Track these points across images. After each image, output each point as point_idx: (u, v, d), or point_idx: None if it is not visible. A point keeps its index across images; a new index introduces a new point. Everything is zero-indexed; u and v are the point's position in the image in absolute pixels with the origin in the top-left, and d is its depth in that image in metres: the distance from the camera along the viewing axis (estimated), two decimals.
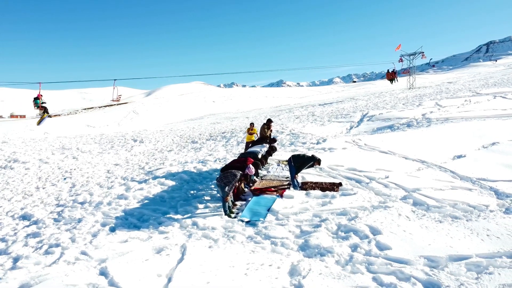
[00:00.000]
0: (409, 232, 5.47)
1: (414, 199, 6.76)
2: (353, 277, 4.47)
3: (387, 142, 12.39)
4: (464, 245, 4.97)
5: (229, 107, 62.07)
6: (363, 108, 25.76)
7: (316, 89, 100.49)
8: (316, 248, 5.27)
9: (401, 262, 4.72)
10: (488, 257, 4.64)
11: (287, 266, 4.86)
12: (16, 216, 7.82)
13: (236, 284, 4.40)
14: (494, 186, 7.26)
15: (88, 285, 4.47)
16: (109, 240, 5.79)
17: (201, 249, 5.38)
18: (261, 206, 7.01)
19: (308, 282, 4.41)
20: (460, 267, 4.49)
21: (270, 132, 11.80)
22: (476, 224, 5.53)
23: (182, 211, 7.12)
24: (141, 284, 4.48)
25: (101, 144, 23.64)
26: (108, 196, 8.61)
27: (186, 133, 25.85)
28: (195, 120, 43.49)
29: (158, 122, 46.40)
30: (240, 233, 5.94)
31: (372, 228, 5.69)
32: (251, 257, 5.11)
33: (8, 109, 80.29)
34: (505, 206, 6.17)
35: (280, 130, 19.27)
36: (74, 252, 5.40)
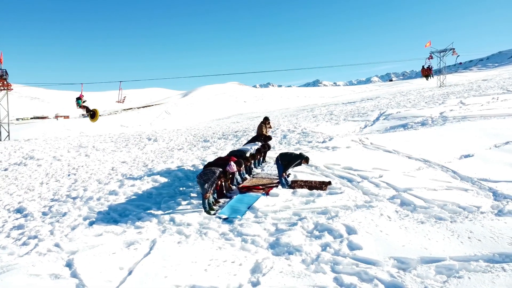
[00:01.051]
0: (386, 232, 5.31)
1: (402, 199, 6.54)
2: (313, 276, 4.40)
3: (395, 141, 12.05)
4: (440, 247, 4.76)
5: (259, 107, 62.49)
6: (383, 106, 25.41)
7: (351, 89, 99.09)
8: (286, 247, 5.23)
9: (369, 263, 4.60)
10: (463, 260, 4.44)
11: (250, 264, 4.85)
12: (11, 210, 8.26)
13: (193, 279, 4.45)
14: (494, 187, 6.90)
15: (51, 276, 4.67)
16: (85, 234, 6.01)
17: (170, 245, 5.48)
18: (242, 203, 7.02)
19: (266, 280, 4.39)
20: (429, 269, 4.31)
21: (267, 130, 11.75)
22: (460, 226, 5.28)
23: (165, 207, 7.26)
24: (101, 276, 4.63)
25: (116, 143, 24.41)
26: (100, 192, 8.92)
27: (200, 132, 26.24)
28: (222, 119, 44.04)
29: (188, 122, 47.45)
30: (214, 229, 5.99)
31: (349, 227, 5.57)
32: (217, 253, 5.15)
33: (53, 110, 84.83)
34: (499, 207, 5.85)
35: (292, 129, 19.21)
36: (48, 244, 5.65)
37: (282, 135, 17.88)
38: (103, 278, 4.57)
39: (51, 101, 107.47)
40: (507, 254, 4.45)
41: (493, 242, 4.75)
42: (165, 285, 4.37)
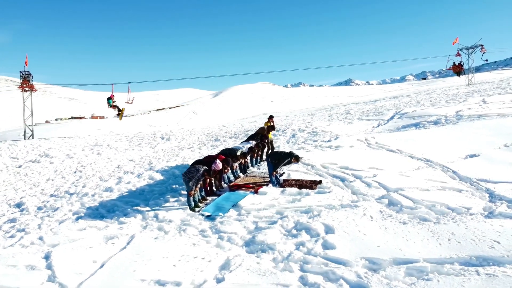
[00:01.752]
0: (364, 232, 5.22)
1: (390, 199, 6.40)
2: (279, 275, 4.40)
3: (401, 140, 11.78)
4: (416, 249, 4.64)
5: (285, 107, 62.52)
6: (401, 105, 25.00)
7: (382, 88, 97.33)
8: (260, 245, 5.24)
9: (339, 263, 4.55)
10: (437, 263, 4.30)
11: (220, 260, 4.90)
12: (12, 204, 8.70)
13: (159, 274, 4.55)
14: (492, 187, 6.62)
15: (27, 267, 4.90)
16: (69, 228, 6.25)
17: (146, 240, 5.61)
18: (228, 201, 7.08)
19: (231, 277, 4.42)
20: (399, 271, 4.21)
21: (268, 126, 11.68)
22: (442, 227, 5.12)
23: (153, 203, 7.42)
24: (74, 268, 4.81)
25: (131, 142, 25.06)
26: (97, 188, 9.23)
27: (213, 131, 26.53)
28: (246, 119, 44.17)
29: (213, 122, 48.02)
30: (194, 226, 6.08)
31: (328, 226, 5.52)
32: (190, 249, 5.23)
33: (90, 111, 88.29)
34: (491, 209, 5.61)
35: (302, 128, 19.13)
36: (33, 237, 5.92)
37: (291, 134, 17.84)
38: (74, 271, 4.75)
39: (88, 102, 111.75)
40: (485, 257, 4.28)
41: (473, 244, 4.57)
42: (132, 278, 4.49)
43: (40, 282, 4.55)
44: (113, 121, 26.85)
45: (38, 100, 22.31)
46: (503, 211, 5.47)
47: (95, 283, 4.46)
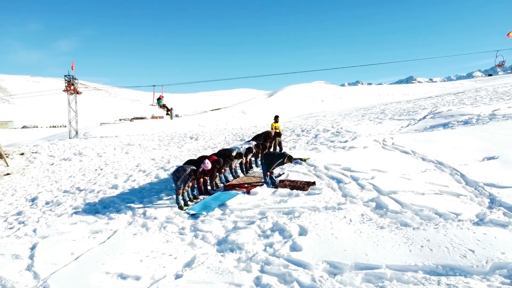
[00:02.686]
0: (336, 236, 5.10)
1: (379, 203, 6.17)
2: (236, 274, 4.45)
3: (420, 141, 11.25)
4: (383, 255, 4.47)
5: (335, 106, 61.87)
6: (440, 104, 24.03)
7: (442, 85, 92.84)
8: (230, 244, 5.33)
9: (299, 265, 4.51)
10: (400, 270, 4.12)
11: (187, 258, 5.05)
12: (28, 198, 9.50)
13: (124, 268, 4.80)
14: (496, 193, 6.15)
15: (12, 256, 5.39)
16: (62, 222, 6.73)
17: (126, 236, 5.90)
18: (217, 200, 7.21)
19: (189, 274, 4.56)
20: (356, 276, 4.10)
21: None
22: (420, 233, 4.87)
23: (147, 201, 7.76)
24: (51, 259, 5.21)
25: (161, 141, 26.14)
26: (105, 185, 9.80)
27: (242, 131, 26.92)
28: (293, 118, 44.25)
29: (260, 122, 48.66)
30: (175, 224, 6.29)
31: (302, 228, 5.47)
32: (162, 246, 5.43)
33: (150, 111, 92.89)
34: (485, 216, 5.22)
35: (327, 129, 18.98)
36: (28, 229, 6.45)
37: (315, 134, 17.74)
38: (51, 261, 5.14)
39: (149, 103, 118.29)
40: (452, 266, 4.03)
41: (445, 252, 4.30)
42: (98, 271, 4.77)
43: (19, 270, 4.98)
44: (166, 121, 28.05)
45: (104, 102, 24.14)
46: (495, 218, 5.08)
47: (65, 273, 4.79)
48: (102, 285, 4.45)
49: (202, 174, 7.76)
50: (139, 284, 4.46)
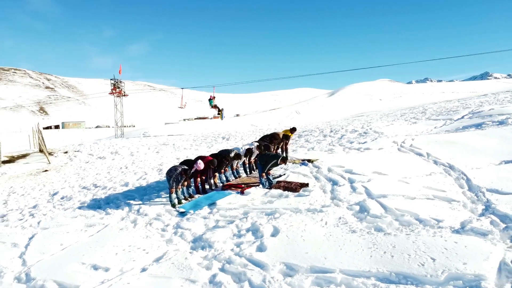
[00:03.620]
0: (305, 238, 5.09)
1: (363, 206, 6.01)
2: (195, 271, 4.63)
3: (440, 143, 10.73)
4: (341, 259, 4.40)
5: (392, 105, 59.73)
6: (486, 103, 22.78)
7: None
8: (204, 242, 5.52)
9: (257, 265, 4.59)
10: (352, 275, 4.06)
11: (158, 253, 5.33)
12: (51, 193, 10.39)
13: (98, 260, 5.19)
14: (495, 200, 5.75)
15: (12, 244, 6.03)
16: (65, 216, 7.34)
17: (113, 230, 6.33)
18: (209, 200, 7.43)
19: (153, 268, 4.83)
20: (306, 279, 4.12)
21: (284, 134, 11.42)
22: (389, 239, 4.71)
23: (146, 198, 8.19)
24: (41, 248, 5.76)
25: (194, 141, 27.04)
26: (118, 183, 10.43)
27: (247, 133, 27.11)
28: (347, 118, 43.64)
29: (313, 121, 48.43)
30: (162, 221, 6.61)
31: (276, 229, 5.52)
32: (140, 241, 5.76)
33: (212, 112, 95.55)
34: (469, 224, 4.91)
35: (355, 129, 18.66)
36: (34, 221, 7.14)
37: (341, 135, 17.46)
38: (41, 250, 5.68)
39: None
40: (406, 274, 3.88)
41: (405, 260, 4.14)
42: (76, 261, 5.20)
43: (11, 257, 5.56)
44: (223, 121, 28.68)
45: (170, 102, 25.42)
46: (477, 226, 4.76)
47: (48, 262, 5.29)
48: (75, 274, 4.84)
49: (199, 174, 8.02)
50: (107, 275, 4.79)
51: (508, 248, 4.16)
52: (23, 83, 52.82)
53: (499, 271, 3.76)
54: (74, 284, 4.59)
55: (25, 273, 5.02)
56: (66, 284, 4.62)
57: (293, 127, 11.88)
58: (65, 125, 48.45)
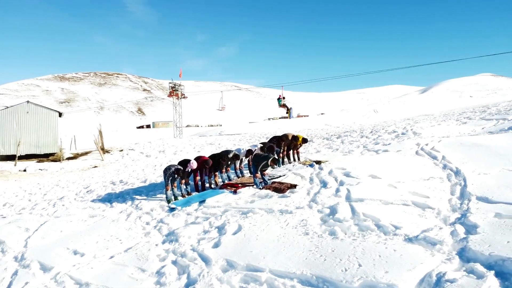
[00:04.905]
0: (259, 238, 5.23)
1: (333, 209, 5.92)
2: (150, 261, 5.09)
3: (466, 145, 9.89)
4: (277, 259, 4.49)
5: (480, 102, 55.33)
6: None
7: None
8: (173, 236, 5.93)
9: (203, 260, 4.89)
10: (279, 276, 4.15)
11: (130, 244, 5.88)
12: (84, 186, 11.64)
13: (80, 246, 5.89)
14: (475, 209, 5.30)
15: (25, 229, 7.02)
16: (77, 206, 8.28)
17: (107, 221, 7.05)
18: (200, 197, 7.82)
19: (119, 257, 5.40)
20: (235, 276, 4.32)
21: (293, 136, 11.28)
22: (334, 243, 4.66)
23: (151, 194, 8.87)
24: (43, 233, 6.63)
25: (241, 141, 27.89)
26: (140, 179, 11.34)
27: (319, 132, 26.83)
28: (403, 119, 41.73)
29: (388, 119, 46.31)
30: (151, 215, 7.18)
31: (239, 228, 5.72)
32: (121, 232, 6.37)
33: (296, 111, 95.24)
34: (425, 233, 4.64)
35: (395, 130, 17.92)
36: (51, 209, 8.16)
37: (378, 135, 16.93)
38: (42, 235, 6.57)
39: (296, 103, 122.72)
40: (325, 278, 3.87)
41: (333, 264, 4.11)
42: (61, 246, 5.96)
43: (19, 239, 6.52)
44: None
45: (256, 102, 25.96)
46: (430, 236, 4.48)
47: (42, 246, 6.15)
48: (56, 257, 5.57)
49: (197, 173, 8.47)
50: (80, 259, 5.43)
51: (445, 260, 3.89)
52: (124, 86, 60.33)
53: (420, 283, 3.56)
54: (51, 265, 5.30)
55: (21, 253, 5.88)
56: (46, 265, 5.35)
57: (305, 138, 11.52)
58: (155, 124, 52.76)
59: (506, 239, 4.10)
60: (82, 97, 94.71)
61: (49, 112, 25.38)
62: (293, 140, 10.95)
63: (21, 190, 12.10)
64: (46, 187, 12.41)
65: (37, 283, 4.86)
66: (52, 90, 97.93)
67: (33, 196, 10.78)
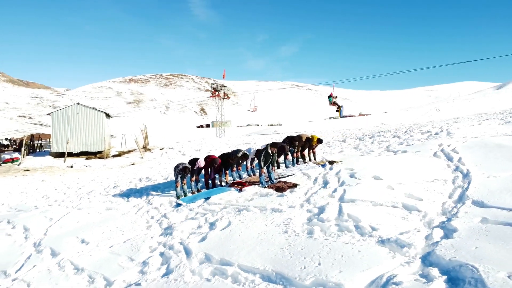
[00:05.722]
0: (242, 234, 5.43)
1: (321, 209, 5.94)
2: (140, 252, 5.53)
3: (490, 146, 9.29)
4: (249, 255, 4.65)
5: None
6: None
7: None
8: (170, 230, 6.33)
9: (186, 253, 5.22)
10: (243, 270, 4.35)
11: (130, 236, 6.37)
12: (113, 182, 12.55)
13: (86, 234, 6.51)
14: (464, 213, 5.08)
15: (49, 218, 7.82)
16: (99, 200, 9.02)
17: (117, 214, 7.67)
18: (208, 194, 8.17)
19: (117, 246, 5.92)
20: (207, 268, 4.57)
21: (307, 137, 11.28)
22: (307, 241, 4.74)
23: (167, 190, 9.39)
24: (64, 223, 7.36)
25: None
26: (162, 177, 11.98)
27: (353, 132, 26.33)
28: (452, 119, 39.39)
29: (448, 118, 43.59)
30: (158, 210, 7.67)
31: (229, 224, 5.96)
32: (127, 224, 6.91)
33: (359, 109, 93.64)
34: (400, 235, 4.56)
35: (429, 130, 17.23)
36: (76, 202, 8.96)
37: (411, 135, 16.41)
38: (61, 225, 7.32)
39: (358, 101, 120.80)
40: (283, 275, 4.01)
41: (296, 262, 4.21)
42: (74, 235, 6.59)
43: (41, 227, 7.28)
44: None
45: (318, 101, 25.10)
46: (402, 238, 4.40)
47: (58, 233, 6.84)
48: (65, 244, 6.21)
49: (205, 171, 8.85)
50: (84, 247, 6.02)
51: (404, 263, 3.82)
52: (188, 87, 63.56)
53: (370, 284, 3.56)
54: (59, 251, 5.92)
55: (40, 240, 6.61)
56: (55, 251, 5.99)
57: (320, 139, 11.41)
58: (214, 124, 54.62)
59: (476, 244, 3.92)
60: (149, 98, 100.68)
61: (97, 113, 27.41)
62: (307, 141, 10.94)
63: (62, 184, 13.36)
64: (83, 182, 13.55)
65: (43, 266, 5.48)
66: (122, 92, 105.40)
67: (69, 190, 11.86)
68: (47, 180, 14.64)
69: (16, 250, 6.33)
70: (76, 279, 4.98)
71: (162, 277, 4.60)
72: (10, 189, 12.72)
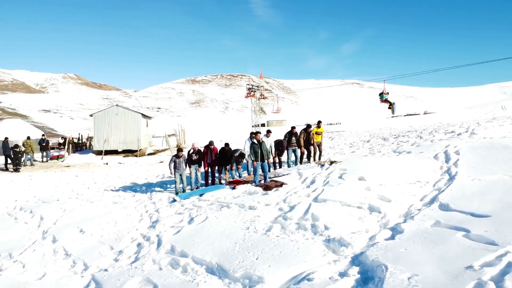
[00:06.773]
0: (211, 229, 5.76)
1: (291, 208, 6.11)
2: (121, 242, 6.09)
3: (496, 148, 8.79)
4: (207, 249, 4.96)
5: None
6: None
7: None
8: (155, 223, 6.83)
9: (158, 243, 5.67)
10: (195, 261, 4.69)
11: (121, 228, 6.92)
12: (134, 178, 13.41)
13: (88, 226, 7.16)
14: (423, 215, 5.01)
15: (63, 209, 8.65)
16: (109, 194, 9.77)
17: (118, 208, 8.32)
18: (201, 191, 8.60)
19: (105, 236, 6.51)
20: (165, 258, 4.98)
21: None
22: (261, 238, 4.97)
23: (173, 186, 9.93)
24: (72, 215, 8.15)
25: None
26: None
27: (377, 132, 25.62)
28: None
29: None
30: (155, 205, 8.21)
31: (205, 219, 6.32)
32: (122, 217, 7.51)
33: (424, 107, 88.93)
34: (348, 235, 4.65)
35: (453, 130, 16.56)
36: (90, 196, 9.80)
37: (433, 135, 15.89)
38: (70, 216, 8.09)
39: (424, 99, 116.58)
40: (222, 267, 4.30)
41: (239, 255, 4.48)
42: (76, 225, 7.30)
43: (53, 217, 8.10)
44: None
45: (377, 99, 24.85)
46: (345, 238, 4.48)
47: (63, 223, 7.61)
48: (66, 233, 6.92)
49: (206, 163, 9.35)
50: (81, 236, 6.69)
51: (332, 261, 3.93)
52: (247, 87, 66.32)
53: (290, 279, 3.73)
54: (58, 238, 6.63)
55: (48, 228, 7.41)
56: (56, 239, 6.71)
57: (319, 121, 11.82)
58: (269, 123, 55.73)
59: (407, 246, 3.92)
60: (210, 98, 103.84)
61: (134, 114, 29.11)
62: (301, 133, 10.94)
63: (90, 179, 14.52)
64: (109, 178, 14.63)
65: (41, 251, 6.21)
66: (185, 92, 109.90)
67: (94, 185, 12.91)
68: (80, 175, 15.95)
69: (26, 236, 7.18)
70: (62, 264, 5.61)
71: (128, 265, 5.06)
72: (47, 183, 14.07)
